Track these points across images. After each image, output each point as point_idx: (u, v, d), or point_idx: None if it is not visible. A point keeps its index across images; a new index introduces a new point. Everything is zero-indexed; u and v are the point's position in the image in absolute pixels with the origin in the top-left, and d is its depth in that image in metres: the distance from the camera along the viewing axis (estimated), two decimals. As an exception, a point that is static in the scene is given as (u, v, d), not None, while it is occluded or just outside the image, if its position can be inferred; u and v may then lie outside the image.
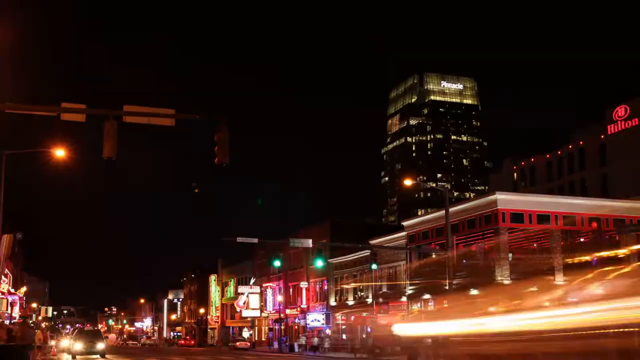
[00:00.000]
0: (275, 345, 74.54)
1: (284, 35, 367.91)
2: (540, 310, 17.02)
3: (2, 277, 45.66)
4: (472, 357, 19.93)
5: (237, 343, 78.67)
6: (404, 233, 54.31)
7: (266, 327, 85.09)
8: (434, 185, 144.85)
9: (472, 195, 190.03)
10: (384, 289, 56.96)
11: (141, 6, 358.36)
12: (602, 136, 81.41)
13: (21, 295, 68.09)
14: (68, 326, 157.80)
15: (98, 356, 43.07)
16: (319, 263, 54.93)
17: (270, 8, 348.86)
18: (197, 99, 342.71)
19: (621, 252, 37.41)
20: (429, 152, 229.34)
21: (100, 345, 44.16)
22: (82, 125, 20.39)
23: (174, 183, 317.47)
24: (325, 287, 68.84)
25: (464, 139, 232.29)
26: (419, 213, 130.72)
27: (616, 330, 13.13)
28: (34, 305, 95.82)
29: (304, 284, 72.32)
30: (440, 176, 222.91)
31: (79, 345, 43.35)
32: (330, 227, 68.45)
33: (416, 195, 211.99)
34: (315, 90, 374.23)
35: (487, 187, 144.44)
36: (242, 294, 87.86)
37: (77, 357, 42.31)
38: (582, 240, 44.72)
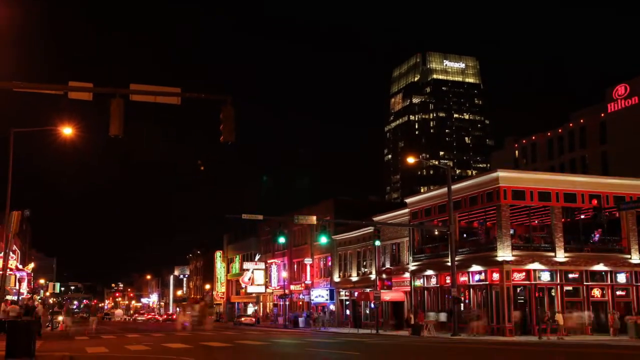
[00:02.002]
0: (280, 320, 75.46)
1: (289, 13, 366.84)
2: None
3: (10, 253, 46.41)
4: None
5: (242, 319, 79.60)
6: (406, 210, 54.76)
7: (271, 303, 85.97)
8: (437, 162, 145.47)
9: (473, 172, 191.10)
10: (387, 265, 57.56)
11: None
12: (603, 114, 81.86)
13: (29, 272, 69.04)
14: (75, 302, 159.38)
15: None
16: (323, 240, 55.38)
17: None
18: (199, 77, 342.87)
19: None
20: (431, 130, 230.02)
21: None
22: (89, 105, 20.80)
23: (179, 160, 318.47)
24: (329, 264, 69.54)
25: (466, 117, 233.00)
26: (422, 190, 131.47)
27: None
28: (42, 281, 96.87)
29: (308, 261, 73.03)
30: (443, 154, 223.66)
31: None
32: (334, 204, 69.12)
33: (419, 173, 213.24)
34: (319, 70, 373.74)
35: (488, 165, 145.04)
36: (247, 270, 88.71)
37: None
38: (582, 217, 45.18)
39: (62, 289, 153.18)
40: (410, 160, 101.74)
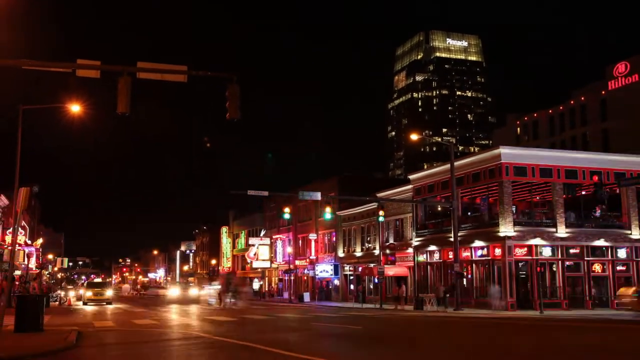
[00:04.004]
0: (285, 295, 76.34)
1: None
2: None
3: (19, 229, 46.99)
4: None
5: None
6: (410, 186, 55.23)
7: (276, 278, 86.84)
8: (440, 139, 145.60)
9: (476, 149, 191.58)
10: (391, 241, 58.17)
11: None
12: (603, 92, 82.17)
13: (37, 247, 69.67)
14: (83, 277, 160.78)
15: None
16: (328, 215, 55.91)
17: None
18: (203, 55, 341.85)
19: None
20: (434, 108, 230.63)
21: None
22: (97, 83, 21.17)
23: (186, 138, 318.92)
24: (334, 239, 70.14)
25: (469, 94, 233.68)
26: (425, 167, 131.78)
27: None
28: (50, 256, 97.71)
29: (312, 236, 73.66)
30: (446, 131, 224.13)
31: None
32: (339, 180, 69.61)
33: (422, 150, 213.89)
34: (323, 48, 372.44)
35: (491, 142, 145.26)
36: (253, 245, 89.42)
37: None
38: (583, 193, 45.61)
39: (70, 264, 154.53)
40: (414, 137, 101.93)
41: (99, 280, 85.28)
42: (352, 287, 65.64)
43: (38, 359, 14.66)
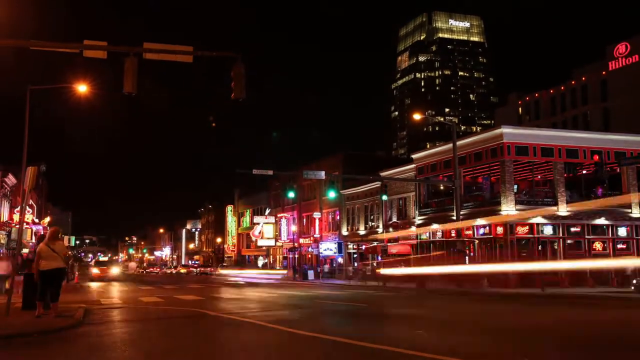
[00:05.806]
0: (290, 272, 76.90)
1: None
2: None
3: (27, 207, 47.48)
4: None
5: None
6: (413, 165, 55.60)
7: (280, 256, 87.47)
8: (442, 119, 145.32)
9: (478, 129, 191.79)
10: (394, 219, 58.62)
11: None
12: (604, 72, 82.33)
13: (45, 225, 70.32)
14: (90, 255, 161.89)
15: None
16: (331, 194, 56.20)
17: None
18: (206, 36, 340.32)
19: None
20: (437, 88, 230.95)
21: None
22: (103, 64, 21.52)
23: (192, 118, 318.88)
24: (338, 217, 70.61)
25: (471, 75, 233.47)
26: (428, 146, 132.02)
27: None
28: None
29: (317, 215, 74.12)
30: (448, 111, 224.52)
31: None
32: (342, 159, 69.94)
33: (425, 129, 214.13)
34: (327, 29, 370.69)
35: (492, 121, 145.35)
36: (258, 224, 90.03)
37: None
38: (584, 172, 45.94)
39: (77, 242, 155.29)
40: (417, 116, 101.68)
41: (105, 259, 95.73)
42: (356, 265, 66.23)
43: (46, 336, 14.79)
